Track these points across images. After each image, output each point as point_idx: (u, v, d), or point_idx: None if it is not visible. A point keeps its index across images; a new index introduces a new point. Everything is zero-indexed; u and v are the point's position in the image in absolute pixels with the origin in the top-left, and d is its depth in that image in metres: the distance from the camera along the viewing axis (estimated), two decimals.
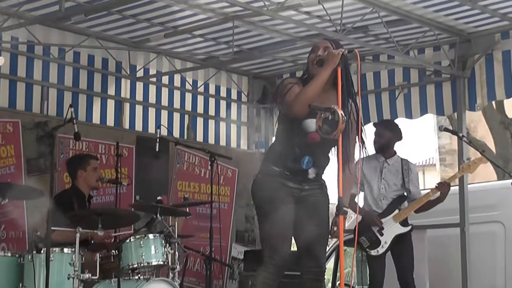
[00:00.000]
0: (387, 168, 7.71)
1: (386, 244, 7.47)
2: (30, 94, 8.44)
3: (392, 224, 7.49)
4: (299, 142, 5.14)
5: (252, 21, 8.38)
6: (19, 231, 7.81)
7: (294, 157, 5.15)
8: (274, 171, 5.18)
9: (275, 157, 5.23)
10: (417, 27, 8.34)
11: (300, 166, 5.15)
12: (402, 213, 7.52)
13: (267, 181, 5.19)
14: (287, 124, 5.19)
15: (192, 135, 9.72)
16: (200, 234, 8.73)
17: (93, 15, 7.93)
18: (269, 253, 5.13)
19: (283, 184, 5.16)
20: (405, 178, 7.65)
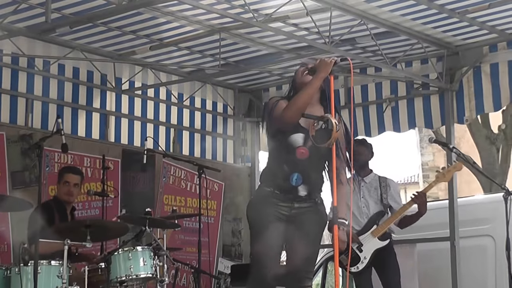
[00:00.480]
0: (365, 186, 7.66)
1: (365, 259, 7.41)
2: (15, 106, 8.34)
3: (371, 239, 7.44)
4: (287, 159, 5.02)
5: (238, 34, 8.35)
6: (3, 244, 7.69)
7: (283, 175, 5.03)
8: (266, 191, 5.10)
9: (266, 177, 5.17)
10: (405, 40, 8.35)
11: (289, 184, 5.01)
12: (380, 228, 7.47)
13: (258, 202, 5.14)
14: (275, 143, 5.11)
15: (178, 149, 9.63)
16: (186, 248, 8.63)
17: (78, 27, 7.87)
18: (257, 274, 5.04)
19: (274, 204, 5.05)
20: (383, 194, 7.61)
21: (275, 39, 8.48)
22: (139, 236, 6.40)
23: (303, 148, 4.97)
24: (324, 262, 9.64)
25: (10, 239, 7.55)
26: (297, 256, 5.07)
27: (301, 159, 4.97)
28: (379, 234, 7.43)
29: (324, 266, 9.64)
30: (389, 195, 7.62)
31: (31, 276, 5.80)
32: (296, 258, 5.07)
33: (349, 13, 7.66)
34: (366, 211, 7.56)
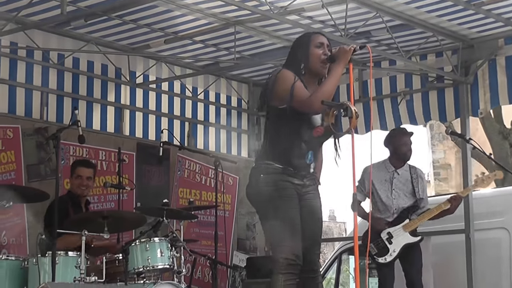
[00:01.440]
0: (397, 178, 7.59)
1: (394, 252, 7.37)
2: (30, 99, 8.36)
3: (402, 233, 7.39)
4: (305, 137, 5.05)
5: (254, 27, 8.34)
6: (20, 236, 7.72)
7: (300, 153, 5.04)
8: (277, 168, 5.03)
9: (276, 154, 5.05)
10: (420, 32, 8.33)
11: (304, 161, 5.07)
12: (412, 223, 7.42)
13: (273, 179, 5.03)
14: (292, 120, 5.02)
15: (192, 142, 9.64)
16: (202, 241, 8.64)
17: (92, 20, 7.88)
18: (285, 254, 4.96)
19: (289, 181, 5.04)
20: (415, 187, 7.54)
21: (290, 32, 8.46)
22: (156, 227, 6.38)
23: (320, 128, 5.03)
24: (339, 255, 9.63)
25: (26, 231, 7.57)
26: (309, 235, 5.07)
27: (314, 138, 5.04)
28: (411, 229, 7.40)
29: (338, 259, 9.62)
30: (420, 188, 7.56)
31: (48, 267, 5.80)
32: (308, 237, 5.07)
33: (364, 6, 7.64)
34: (396, 203, 7.50)
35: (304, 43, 5.15)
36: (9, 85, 8.20)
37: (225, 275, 9.22)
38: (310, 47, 5.09)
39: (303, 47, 5.13)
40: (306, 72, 5.08)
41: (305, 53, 5.09)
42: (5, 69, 8.17)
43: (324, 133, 5.06)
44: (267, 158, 5.08)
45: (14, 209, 7.58)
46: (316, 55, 5.08)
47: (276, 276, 4.99)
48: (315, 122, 5.04)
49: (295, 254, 4.96)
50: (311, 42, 5.12)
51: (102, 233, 6.06)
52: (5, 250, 7.52)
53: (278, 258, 4.98)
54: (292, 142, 5.04)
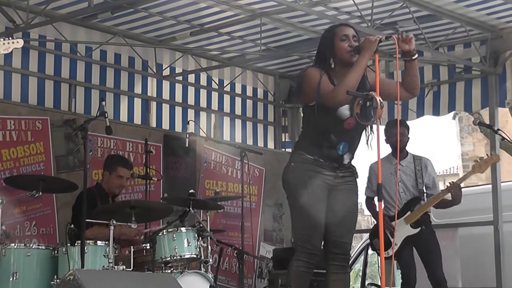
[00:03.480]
0: (402, 170, 7.54)
1: (396, 246, 7.31)
2: (58, 91, 8.43)
3: (403, 226, 7.35)
4: (335, 129, 5.07)
5: (279, 18, 8.33)
6: (49, 227, 7.80)
7: (330, 144, 5.08)
8: (308, 159, 5.09)
9: (308, 145, 5.14)
10: (447, 23, 8.27)
11: (336, 152, 5.09)
12: (413, 214, 7.37)
13: (301, 168, 5.10)
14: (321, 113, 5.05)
15: (219, 134, 9.67)
16: (228, 232, 8.66)
17: (119, 13, 7.93)
18: (302, 242, 5.07)
19: (318, 172, 5.08)
20: (418, 179, 7.51)
21: (316, 24, 8.45)
22: (183, 217, 6.41)
23: (350, 119, 5.03)
24: (366, 247, 9.62)
25: (55, 221, 7.64)
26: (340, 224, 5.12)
27: (347, 129, 5.06)
28: (412, 221, 7.35)
29: (365, 252, 9.61)
30: (425, 177, 7.51)
31: (77, 256, 5.86)
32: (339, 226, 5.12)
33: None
34: (404, 196, 7.48)
35: (328, 38, 5.17)
36: (38, 77, 8.28)
37: (252, 266, 9.23)
38: (335, 42, 5.10)
39: (328, 42, 5.15)
40: (336, 64, 5.10)
41: (331, 48, 5.10)
42: (34, 62, 8.25)
43: (357, 124, 5.05)
44: (301, 148, 5.19)
45: (43, 200, 7.73)
46: (342, 49, 5.08)
47: (292, 261, 5.11)
48: (343, 114, 5.05)
49: (312, 243, 5.05)
50: (335, 36, 5.13)
51: (129, 223, 6.09)
52: (35, 240, 7.61)
53: (295, 245, 5.13)
54: (320, 134, 5.09)
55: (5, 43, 4.74)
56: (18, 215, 7.65)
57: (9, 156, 7.81)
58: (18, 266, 5.96)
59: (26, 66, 8.17)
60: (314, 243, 5.06)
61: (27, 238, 7.57)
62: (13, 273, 5.93)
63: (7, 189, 6.66)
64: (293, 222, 5.29)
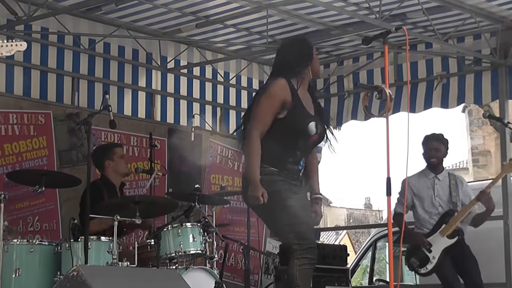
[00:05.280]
0: (439, 184, 7.43)
1: (434, 259, 7.24)
2: (61, 85, 8.34)
3: (439, 239, 7.25)
4: (302, 145, 5.22)
5: (286, 10, 8.21)
6: (52, 222, 7.73)
7: (294, 160, 5.22)
8: (274, 171, 5.17)
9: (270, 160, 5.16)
10: (457, 14, 8.14)
11: (297, 167, 5.24)
12: (448, 226, 7.25)
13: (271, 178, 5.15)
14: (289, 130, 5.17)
15: (224, 128, 9.56)
16: (234, 227, 8.56)
17: (123, 5, 7.83)
18: (298, 239, 5.07)
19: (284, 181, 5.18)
20: (452, 192, 7.39)
21: (323, 15, 8.34)
22: (188, 212, 6.33)
23: (315, 135, 5.24)
24: (373, 242, 9.52)
25: (59, 217, 7.56)
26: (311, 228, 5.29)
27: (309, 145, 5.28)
28: (448, 233, 7.24)
29: (373, 246, 9.51)
30: (461, 193, 7.41)
31: (81, 252, 5.78)
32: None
33: None
34: (441, 210, 7.36)
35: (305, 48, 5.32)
36: (40, 70, 8.18)
37: (258, 262, 9.13)
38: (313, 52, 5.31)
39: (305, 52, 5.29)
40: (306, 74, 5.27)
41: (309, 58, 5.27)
42: (36, 55, 8.15)
43: (318, 139, 5.30)
44: (262, 162, 5.15)
45: (46, 195, 7.68)
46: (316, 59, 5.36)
47: (292, 261, 5.09)
48: (311, 130, 5.20)
49: (309, 238, 5.10)
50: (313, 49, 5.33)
51: (134, 218, 6.00)
52: (38, 235, 7.51)
53: (291, 245, 5.09)
54: (287, 151, 5.20)
55: (8, 45, 4.70)
56: (21, 211, 7.57)
57: (11, 151, 7.74)
58: (20, 263, 5.92)
59: (28, 59, 8.06)
60: (311, 237, 5.15)
61: (30, 234, 7.45)
62: (16, 270, 5.88)
63: (9, 184, 6.58)
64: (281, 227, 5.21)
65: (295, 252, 5.05)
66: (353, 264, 9.94)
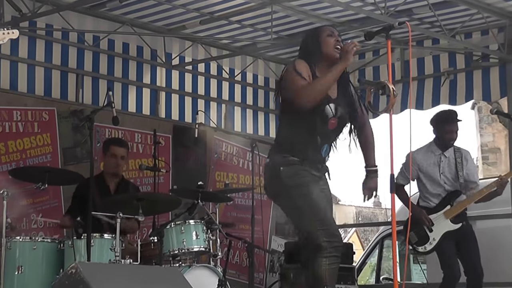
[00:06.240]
0: (445, 161, 7.26)
1: (434, 241, 7.10)
2: (65, 82, 8.32)
3: (442, 221, 7.10)
4: (320, 130, 4.99)
5: (291, 6, 8.15)
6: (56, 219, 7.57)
7: (316, 146, 5.02)
8: (295, 161, 4.97)
9: (291, 148, 5.00)
10: (464, 10, 8.08)
11: (320, 155, 5.05)
12: (453, 209, 7.11)
13: (293, 169, 4.98)
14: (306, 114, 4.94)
15: (230, 125, 9.52)
16: (239, 225, 8.49)
17: (128, 1, 7.80)
18: (327, 237, 4.89)
19: (307, 171, 5.00)
20: (459, 172, 7.21)
21: (328, 11, 8.28)
22: (191, 209, 6.27)
23: (334, 119, 4.99)
24: (380, 240, 9.46)
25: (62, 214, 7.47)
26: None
27: (329, 130, 5.02)
28: (452, 216, 7.10)
29: (380, 244, 9.45)
30: (465, 170, 7.22)
31: (84, 249, 5.76)
32: None
33: None
34: (447, 187, 7.20)
35: (314, 34, 5.13)
36: (44, 67, 8.17)
37: (263, 260, 9.08)
38: (322, 36, 5.06)
39: (314, 37, 5.10)
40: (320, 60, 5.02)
41: (317, 42, 5.04)
42: (40, 51, 8.14)
43: (338, 125, 5.04)
44: (283, 151, 5.02)
45: (50, 192, 7.65)
46: (328, 42, 5.04)
47: (319, 260, 4.90)
48: (328, 113, 4.97)
49: (337, 235, 4.95)
50: (322, 32, 5.11)
51: (137, 216, 5.96)
52: (42, 232, 7.51)
53: (319, 243, 4.89)
54: (307, 136, 4.99)
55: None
56: (24, 208, 7.53)
57: (15, 148, 7.73)
58: (23, 260, 5.89)
59: (32, 56, 8.07)
60: (338, 235, 4.98)
61: (33, 231, 7.49)
62: (19, 267, 5.86)
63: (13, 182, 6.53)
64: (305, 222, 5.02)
65: (323, 250, 4.88)
66: (360, 262, 9.88)
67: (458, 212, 7.11)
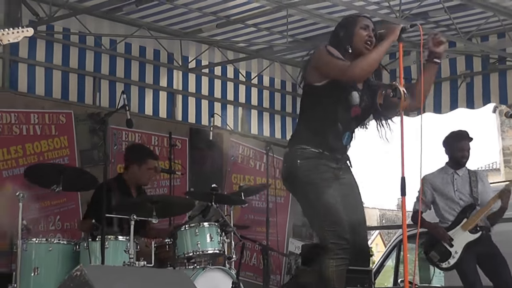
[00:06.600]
0: (458, 179, 7.29)
1: (456, 254, 7.10)
2: (83, 85, 8.41)
3: (461, 233, 7.10)
4: (342, 117, 4.86)
5: (306, 9, 8.18)
6: (74, 221, 7.76)
7: (336, 134, 4.87)
8: (313, 153, 4.85)
9: (311, 137, 4.86)
10: (480, 13, 8.09)
11: (341, 143, 4.92)
12: (470, 221, 7.11)
13: (310, 164, 4.86)
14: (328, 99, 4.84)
15: (246, 128, 9.57)
16: (256, 227, 8.52)
17: (144, 5, 7.86)
18: (335, 239, 4.81)
19: (326, 165, 4.88)
20: (473, 188, 7.24)
21: (344, 15, 8.25)
22: (205, 212, 6.30)
23: (357, 108, 4.87)
24: (398, 243, 9.43)
25: (80, 216, 7.57)
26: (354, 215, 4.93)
27: (352, 118, 4.90)
28: (470, 227, 7.11)
29: (397, 247, 9.42)
30: (480, 188, 7.26)
31: (99, 251, 5.79)
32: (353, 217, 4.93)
33: None
34: (462, 203, 7.22)
35: (349, 23, 5.00)
36: (62, 70, 8.27)
37: (280, 262, 9.11)
38: (356, 28, 4.93)
39: (348, 27, 4.98)
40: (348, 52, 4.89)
41: (350, 33, 4.93)
42: (58, 55, 8.24)
43: (362, 113, 4.92)
44: (302, 141, 4.90)
45: (68, 195, 7.71)
46: (360, 36, 4.90)
47: (327, 261, 4.83)
48: (352, 101, 4.86)
49: (345, 238, 4.83)
50: (357, 23, 4.95)
51: (151, 218, 5.99)
52: (59, 234, 7.55)
53: (327, 244, 4.83)
54: (328, 122, 4.86)
55: (14, 32, 4.66)
56: (41, 210, 7.64)
57: (32, 150, 7.81)
58: (39, 261, 5.95)
59: (50, 59, 8.17)
60: (347, 237, 4.83)
61: (51, 233, 7.58)
62: (35, 268, 5.91)
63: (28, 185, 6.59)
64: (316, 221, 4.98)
65: (330, 252, 4.81)
66: (378, 265, 9.86)
67: (475, 222, 7.11)
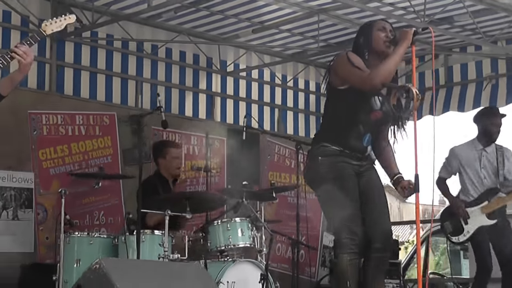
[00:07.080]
0: (485, 156, 7.41)
1: (468, 233, 7.29)
2: (125, 88, 8.82)
3: (479, 215, 7.27)
4: (363, 119, 5.11)
5: (337, 15, 8.46)
6: (117, 216, 8.11)
7: (357, 134, 5.12)
8: (335, 151, 5.11)
9: (333, 136, 5.13)
10: (504, 17, 8.28)
11: (361, 144, 5.15)
12: (490, 205, 7.27)
13: (331, 161, 5.10)
14: (350, 102, 5.11)
15: (282, 128, 9.93)
16: (289, 222, 8.83)
17: (182, 12, 8.23)
18: (349, 234, 5.06)
19: (346, 162, 5.11)
20: (499, 169, 7.36)
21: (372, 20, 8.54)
22: (236, 207, 6.66)
23: (378, 112, 5.10)
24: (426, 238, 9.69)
25: (123, 211, 7.88)
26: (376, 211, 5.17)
27: (372, 121, 5.12)
28: (488, 211, 7.25)
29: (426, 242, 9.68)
30: (506, 168, 7.38)
31: (135, 244, 6.14)
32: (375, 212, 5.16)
33: None
34: (486, 182, 7.36)
35: (366, 29, 5.30)
36: (105, 74, 8.65)
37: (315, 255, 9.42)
38: (373, 31, 5.20)
39: (365, 31, 5.26)
40: (370, 54, 5.16)
41: (368, 37, 5.19)
42: (102, 60, 8.63)
43: (383, 118, 5.13)
44: (324, 140, 5.16)
45: (111, 191, 8.07)
46: (379, 38, 5.16)
47: (341, 256, 5.12)
48: (373, 105, 5.11)
49: (358, 234, 5.05)
50: (374, 26, 5.25)
51: (184, 213, 6.35)
52: (103, 229, 7.93)
53: (342, 239, 5.09)
54: (349, 123, 5.11)
55: (57, 21, 4.67)
56: (87, 205, 8.03)
57: (78, 150, 8.18)
58: (81, 253, 6.35)
59: (94, 64, 8.56)
60: (359, 233, 5.06)
61: (95, 227, 7.93)
62: (77, 260, 6.33)
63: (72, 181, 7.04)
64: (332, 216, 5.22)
65: (345, 247, 5.05)
66: (408, 258, 10.13)
67: (495, 208, 7.24)
